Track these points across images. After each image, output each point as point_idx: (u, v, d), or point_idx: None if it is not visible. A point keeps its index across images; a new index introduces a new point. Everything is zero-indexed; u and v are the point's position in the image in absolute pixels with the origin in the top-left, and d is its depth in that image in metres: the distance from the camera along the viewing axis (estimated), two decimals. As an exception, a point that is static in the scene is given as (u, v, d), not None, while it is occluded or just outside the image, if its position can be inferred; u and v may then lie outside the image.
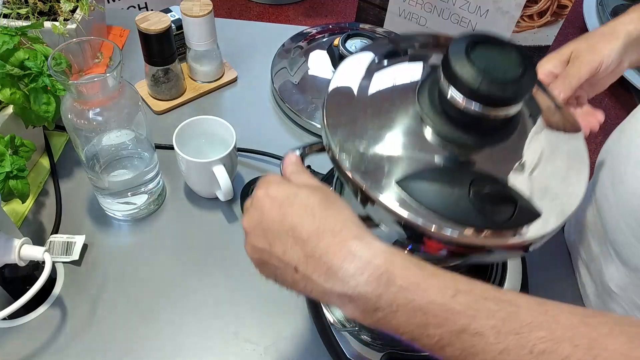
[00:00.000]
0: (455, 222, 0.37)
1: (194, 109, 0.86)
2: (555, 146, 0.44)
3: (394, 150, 0.40)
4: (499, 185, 0.40)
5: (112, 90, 0.57)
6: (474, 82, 0.37)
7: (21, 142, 0.63)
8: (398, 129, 0.42)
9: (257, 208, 0.38)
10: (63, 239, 0.66)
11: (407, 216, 0.37)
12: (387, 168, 0.39)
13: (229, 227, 0.71)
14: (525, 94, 0.38)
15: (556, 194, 0.41)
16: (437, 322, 0.31)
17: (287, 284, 0.37)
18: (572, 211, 0.41)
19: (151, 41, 0.76)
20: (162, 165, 0.72)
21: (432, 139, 0.41)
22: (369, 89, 0.45)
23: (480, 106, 0.38)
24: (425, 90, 0.43)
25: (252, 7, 2.41)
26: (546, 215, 0.40)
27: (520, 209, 0.39)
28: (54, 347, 0.59)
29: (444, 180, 0.39)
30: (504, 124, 0.42)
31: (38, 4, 0.79)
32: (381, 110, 0.43)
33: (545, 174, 0.42)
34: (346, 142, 0.41)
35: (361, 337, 0.55)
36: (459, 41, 0.39)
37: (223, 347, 0.60)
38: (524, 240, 0.39)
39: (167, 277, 0.66)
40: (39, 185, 0.73)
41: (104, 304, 0.63)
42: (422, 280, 0.32)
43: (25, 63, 0.63)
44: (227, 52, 0.92)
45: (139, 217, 0.71)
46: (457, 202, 0.38)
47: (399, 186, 0.38)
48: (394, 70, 0.47)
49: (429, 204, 0.38)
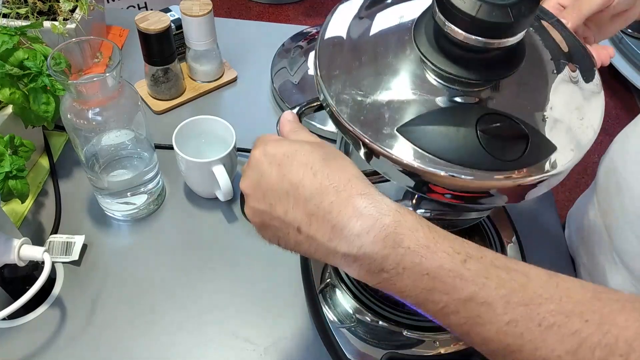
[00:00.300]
0: (465, 165, 0.35)
1: (193, 109, 0.85)
2: (566, 77, 0.41)
3: (393, 96, 0.38)
4: (507, 121, 0.37)
5: (112, 90, 0.57)
6: (471, 10, 0.34)
7: (20, 142, 0.63)
8: (396, 73, 0.39)
9: (254, 168, 0.36)
10: (62, 239, 0.66)
11: (414, 164, 0.35)
12: (387, 115, 0.37)
13: (229, 227, 0.71)
14: (526, 19, 0.35)
15: (569, 127, 0.38)
16: (444, 288, 0.30)
17: (290, 246, 0.35)
18: (589, 143, 0.38)
19: (151, 41, 0.76)
20: (162, 165, 0.72)
21: (433, 79, 0.39)
22: (362, 34, 0.42)
23: (480, 37, 0.35)
24: (422, 28, 0.40)
25: (252, 6, 2.41)
26: (562, 148, 0.37)
27: (532, 144, 0.36)
28: (54, 347, 0.59)
29: (448, 123, 0.36)
30: (508, 56, 0.39)
31: (37, 4, 0.79)
32: (377, 55, 0.40)
33: (557, 106, 0.39)
34: (342, 93, 0.38)
35: (359, 333, 0.55)
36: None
37: (223, 347, 0.60)
38: (541, 176, 0.36)
39: (167, 277, 0.66)
40: (38, 185, 0.72)
41: (104, 304, 0.63)
42: (432, 243, 0.31)
43: (24, 63, 0.63)
44: (227, 52, 0.91)
45: (139, 217, 0.71)
46: (465, 144, 0.35)
47: (401, 133, 0.36)
48: (387, 12, 0.44)
49: (435, 150, 0.35)
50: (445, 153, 0.35)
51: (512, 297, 0.29)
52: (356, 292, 0.57)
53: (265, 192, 0.35)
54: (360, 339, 0.55)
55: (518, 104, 0.38)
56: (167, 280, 0.65)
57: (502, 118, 0.37)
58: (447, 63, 0.38)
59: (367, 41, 0.42)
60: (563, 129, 0.38)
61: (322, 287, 0.58)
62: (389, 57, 0.40)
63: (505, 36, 0.36)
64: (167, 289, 0.65)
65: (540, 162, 0.36)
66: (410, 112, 0.37)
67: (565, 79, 0.41)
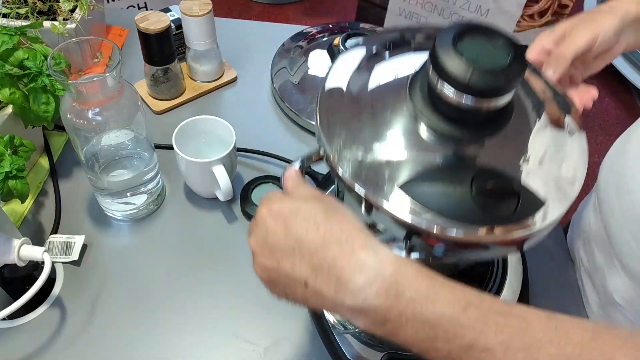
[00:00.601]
0: (461, 221, 0.37)
1: (193, 109, 0.85)
2: (552, 130, 0.43)
3: (391, 153, 0.40)
4: (500, 179, 0.39)
5: (112, 90, 0.57)
6: (464, 74, 0.36)
7: (20, 142, 0.63)
8: (394, 129, 0.41)
9: (261, 226, 0.37)
10: (62, 239, 0.66)
11: (414, 221, 0.37)
12: (387, 172, 0.39)
13: (229, 227, 0.71)
14: (516, 81, 0.37)
15: (557, 180, 0.40)
16: (445, 336, 0.31)
17: (298, 300, 0.37)
18: (575, 196, 0.40)
19: (151, 41, 0.76)
20: (162, 165, 0.72)
21: (429, 136, 0.40)
22: (361, 88, 0.44)
23: (472, 98, 0.37)
24: (417, 85, 0.42)
25: (252, 6, 2.41)
26: (550, 203, 0.39)
27: (523, 200, 0.38)
28: (54, 347, 0.59)
29: (445, 180, 0.38)
30: (498, 114, 0.41)
31: (37, 4, 0.79)
32: (375, 110, 0.42)
33: (544, 161, 0.41)
34: (343, 149, 0.40)
35: (363, 338, 0.55)
36: (445, 33, 0.38)
37: (223, 347, 0.60)
38: (532, 231, 0.38)
39: (167, 277, 0.66)
40: (38, 185, 0.72)
41: (104, 304, 0.63)
42: (432, 291, 0.32)
43: (24, 63, 0.63)
44: (227, 51, 0.91)
45: (139, 217, 0.71)
46: (461, 202, 0.37)
47: (402, 191, 0.38)
48: (386, 66, 0.46)
49: (434, 206, 0.37)
50: (443, 210, 0.37)
51: (511, 342, 0.30)
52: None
53: (272, 249, 0.36)
54: (361, 340, 0.55)
55: (507, 158, 0.41)
56: (167, 280, 0.65)
57: (494, 176, 0.39)
58: (442, 121, 0.40)
59: (366, 96, 0.43)
60: (550, 182, 0.40)
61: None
62: (386, 114, 0.42)
63: (496, 99, 0.38)
64: (167, 289, 0.65)
65: (530, 217, 0.38)
66: (408, 169, 0.39)
67: (550, 130, 0.43)
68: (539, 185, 0.39)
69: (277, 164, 0.78)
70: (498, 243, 0.39)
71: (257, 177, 0.74)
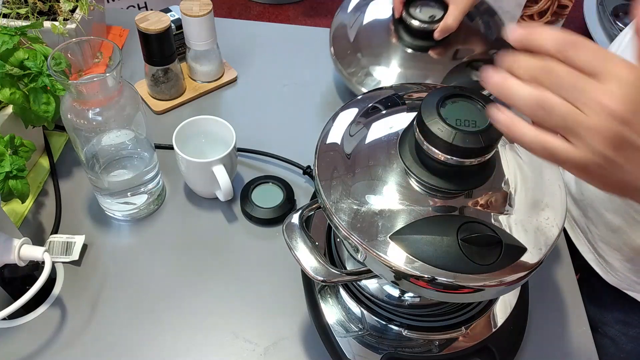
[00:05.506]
0: (448, 270, 0.40)
1: (193, 109, 0.86)
2: (530, 176, 0.47)
3: (384, 205, 0.44)
4: (483, 229, 0.42)
5: (112, 90, 0.57)
6: (447, 138, 0.40)
7: (21, 142, 0.63)
8: (386, 183, 0.45)
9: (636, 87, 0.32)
10: (63, 239, 0.66)
11: (405, 269, 0.41)
12: (380, 224, 0.42)
13: (229, 227, 0.71)
14: (496, 141, 0.41)
15: (537, 225, 0.44)
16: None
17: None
18: (555, 238, 0.44)
19: (151, 41, 0.76)
20: (162, 165, 0.72)
21: (417, 189, 0.45)
22: (357, 144, 0.48)
23: (455, 158, 0.41)
24: (406, 144, 0.46)
25: (252, 6, 2.41)
26: (531, 248, 0.42)
27: (506, 248, 0.41)
28: (54, 347, 0.59)
29: (433, 232, 0.42)
30: (481, 167, 0.44)
31: (38, 4, 0.79)
32: (369, 166, 0.46)
33: (525, 207, 0.45)
34: (340, 202, 0.44)
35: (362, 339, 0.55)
36: (430, 98, 0.42)
37: (223, 347, 0.60)
38: (516, 277, 0.42)
39: (167, 277, 0.66)
40: (38, 185, 0.72)
41: (104, 304, 0.63)
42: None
43: (24, 63, 0.63)
44: (227, 52, 0.91)
45: (139, 217, 0.71)
46: (448, 251, 0.41)
47: (393, 241, 0.41)
48: (378, 123, 0.50)
49: (423, 257, 0.41)
50: (431, 259, 0.41)
51: None
52: (356, 292, 0.57)
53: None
54: (360, 342, 0.55)
55: (490, 207, 0.44)
56: (167, 280, 0.65)
57: (479, 226, 0.42)
58: (429, 175, 0.44)
59: (360, 152, 0.48)
60: (531, 229, 0.44)
61: (322, 287, 0.58)
62: (379, 169, 0.46)
63: (477, 157, 0.42)
64: (167, 289, 0.65)
65: (513, 264, 0.41)
66: (400, 220, 0.43)
67: (529, 176, 0.47)
68: (520, 231, 0.43)
69: (277, 164, 0.78)
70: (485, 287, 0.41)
71: (257, 177, 0.74)
